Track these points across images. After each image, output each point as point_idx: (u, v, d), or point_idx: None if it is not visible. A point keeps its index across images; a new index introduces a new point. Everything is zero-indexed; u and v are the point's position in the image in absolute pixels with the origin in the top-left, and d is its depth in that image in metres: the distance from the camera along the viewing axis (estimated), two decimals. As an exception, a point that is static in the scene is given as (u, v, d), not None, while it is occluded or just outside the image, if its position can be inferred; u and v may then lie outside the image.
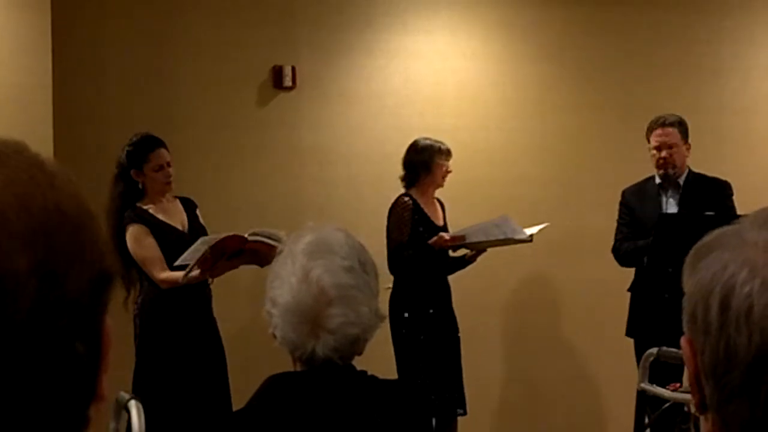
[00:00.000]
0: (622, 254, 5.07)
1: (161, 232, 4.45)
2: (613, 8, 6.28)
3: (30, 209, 0.69)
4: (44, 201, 0.70)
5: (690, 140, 5.07)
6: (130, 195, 4.49)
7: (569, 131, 6.20)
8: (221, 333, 4.62)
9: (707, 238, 0.91)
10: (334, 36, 5.78)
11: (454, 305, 5.17)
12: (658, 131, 5.05)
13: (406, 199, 5.09)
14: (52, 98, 4.79)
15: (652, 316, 4.82)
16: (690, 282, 0.91)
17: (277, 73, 5.66)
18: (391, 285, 5.03)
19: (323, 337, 1.84)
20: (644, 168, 6.06)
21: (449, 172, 5.13)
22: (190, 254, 4.27)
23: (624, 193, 5.21)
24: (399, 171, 5.24)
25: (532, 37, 6.15)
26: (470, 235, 4.99)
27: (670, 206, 5.02)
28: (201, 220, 4.67)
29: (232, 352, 4.68)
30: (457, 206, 5.51)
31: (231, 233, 4.34)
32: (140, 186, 4.51)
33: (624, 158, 6.25)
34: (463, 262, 5.15)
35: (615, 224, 5.34)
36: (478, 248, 5.10)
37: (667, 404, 4.26)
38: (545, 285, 6.04)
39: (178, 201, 4.65)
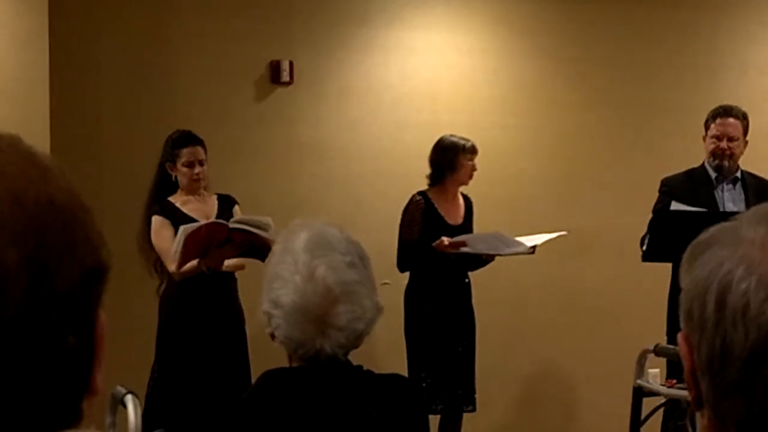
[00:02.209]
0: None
1: (181, 225, 4.49)
2: (610, 5, 6.28)
3: (22, 203, 0.68)
4: (37, 195, 0.70)
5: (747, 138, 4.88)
6: (163, 188, 4.61)
7: (566, 128, 6.20)
8: (251, 326, 4.61)
9: (704, 235, 0.92)
10: (332, 31, 5.77)
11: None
12: (722, 120, 4.81)
13: (419, 198, 5.09)
14: (48, 93, 4.79)
15: None
16: (687, 279, 0.91)
17: (275, 68, 5.65)
18: (388, 281, 5.03)
19: (332, 334, 1.84)
20: (641, 164, 6.07)
21: (475, 169, 5.11)
22: (176, 244, 4.33)
23: (665, 182, 4.95)
24: (395, 166, 5.24)
25: (529, 33, 6.15)
26: (470, 241, 4.97)
27: (727, 200, 4.83)
28: (236, 217, 4.68)
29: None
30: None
31: (211, 220, 4.41)
32: (174, 180, 4.61)
33: (621, 155, 6.26)
34: (483, 261, 5.13)
35: (610, 222, 5.31)
36: (479, 254, 5.08)
37: (664, 401, 4.27)
38: (542, 282, 6.04)
39: (214, 197, 4.73)
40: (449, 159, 5.06)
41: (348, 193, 5.73)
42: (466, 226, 5.19)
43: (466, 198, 5.26)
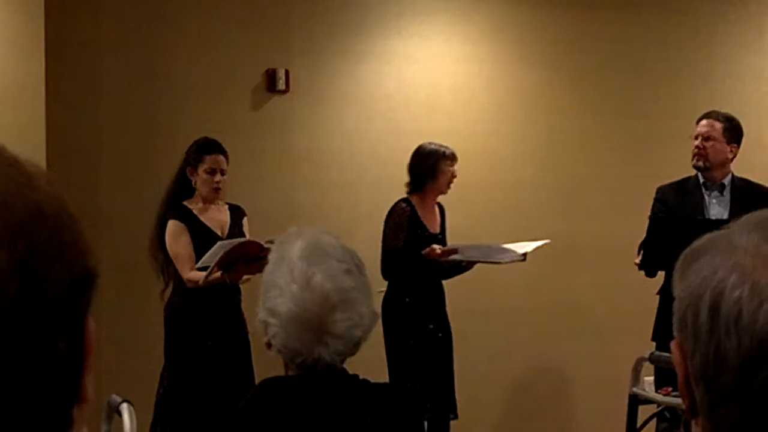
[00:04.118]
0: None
1: (198, 232, 4.54)
2: (607, 12, 6.30)
3: (10, 209, 0.68)
4: (24, 201, 0.70)
5: (737, 144, 4.84)
6: (181, 191, 4.63)
7: (563, 135, 6.21)
8: (251, 330, 4.62)
9: (697, 243, 0.92)
10: (328, 40, 5.78)
11: (449, 308, 5.16)
12: (702, 122, 4.84)
13: (404, 205, 5.07)
14: (44, 99, 4.79)
15: None
16: (680, 286, 0.91)
17: (271, 77, 5.66)
18: (383, 289, 5.02)
19: (330, 342, 1.84)
20: (637, 170, 6.08)
21: (455, 176, 5.09)
22: (209, 257, 4.34)
23: (660, 190, 4.95)
24: (392, 174, 5.24)
25: (525, 41, 6.16)
26: (463, 250, 4.95)
27: (713, 207, 4.81)
28: (245, 228, 4.73)
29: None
30: (451, 210, 5.51)
31: (248, 239, 4.46)
32: (193, 184, 4.63)
33: (617, 161, 6.27)
34: (461, 268, 5.11)
35: (609, 228, 5.30)
36: (470, 261, 5.06)
37: (660, 408, 4.27)
38: (539, 288, 6.04)
39: (226, 207, 4.76)
40: (430, 166, 5.04)
41: (344, 201, 5.73)
42: (443, 234, 5.17)
43: (439, 206, 5.23)
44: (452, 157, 5.06)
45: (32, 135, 4.57)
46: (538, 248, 5.02)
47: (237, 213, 4.77)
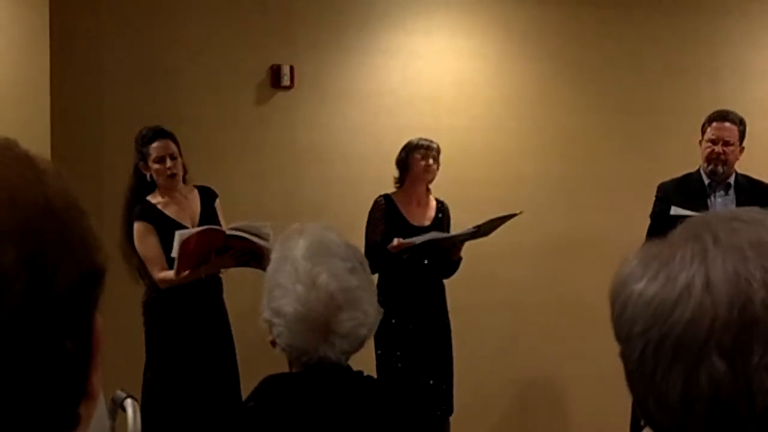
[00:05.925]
0: None
1: (167, 229, 4.38)
2: (611, 9, 6.29)
3: (19, 205, 0.68)
4: (33, 197, 0.69)
5: (743, 144, 4.86)
6: (140, 189, 4.49)
7: (567, 131, 6.20)
8: (234, 325, 4.58)
9: None
10: (333, 35, 5.78)
11: (452, 304, 5.15)
12: (718, 124, 4.80)
13: (380, 199, 5.09)
14: (49, 95, 4.79)
15: None
16: None
17: (276, 73, 5.66)
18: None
19: (336, 341, 1.83)
20: (641, 167, 6.08)
21: (431, 169, 5.04)
22: (174, 251, 4.23)
23: (661, 187, 4.94)
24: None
25: (530, 37, 6.15)
26: (416, 238, 4.88)
27: (719, 207, 4.77)
28: (219, 211, 4.61)
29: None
30: (454, 206, 5.50)
31: (207, 227, 4.30)
32: (149, 179, 4.48)
33: (620, 157, 6.26)
34: (454, 263, 5.07)
35: (612, 223, 5.28)
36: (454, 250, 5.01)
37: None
38: (542, 284, 6.04)
39: (195, 192, 4.60)
40: (402, 158, 5.09)
41: (348, 197, 5.73)
42: (437, 228, 5.08)
43: (440, 203, 5.20)
44: (424, 148, 5.03)
45: (37, 130, 4.57)
46: (503, 222, 4.91)
47: (207, 196, 4.61)
